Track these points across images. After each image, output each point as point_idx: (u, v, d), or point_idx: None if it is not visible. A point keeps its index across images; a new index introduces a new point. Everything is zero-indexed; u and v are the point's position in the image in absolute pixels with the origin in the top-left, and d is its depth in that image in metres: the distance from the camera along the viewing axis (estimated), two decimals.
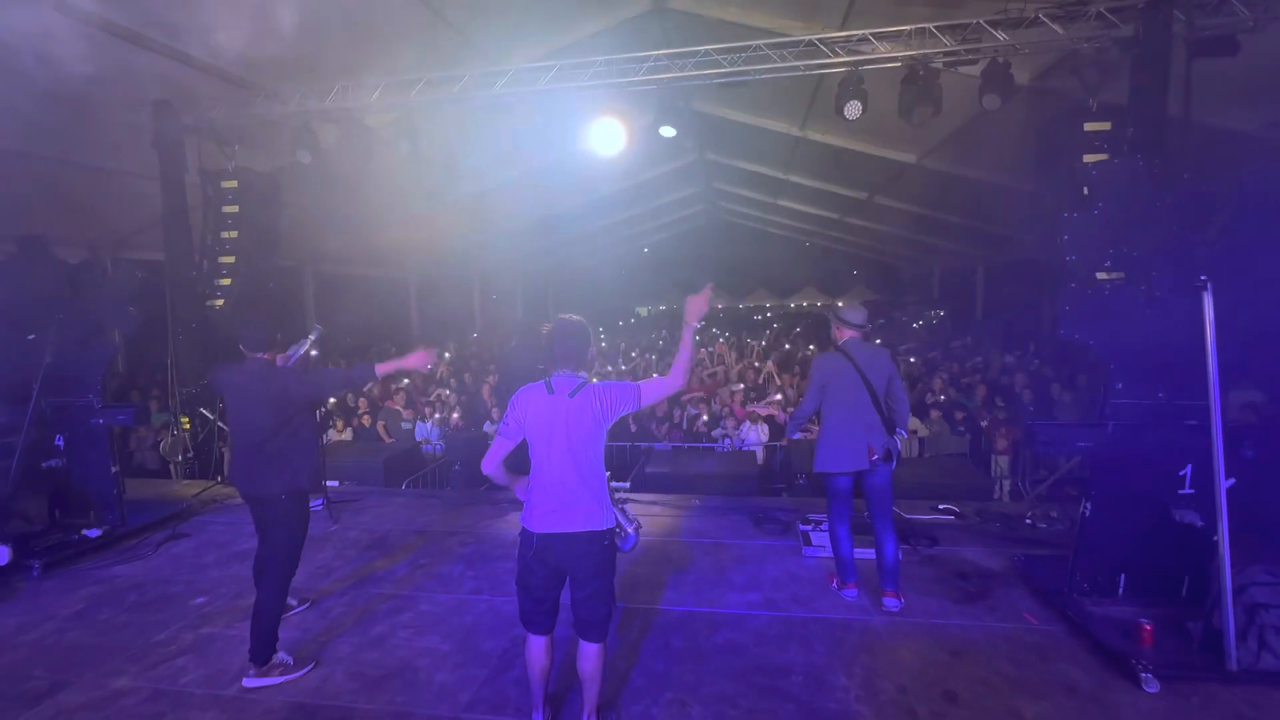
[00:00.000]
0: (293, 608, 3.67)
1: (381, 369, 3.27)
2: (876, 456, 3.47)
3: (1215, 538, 2.83)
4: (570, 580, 2.48)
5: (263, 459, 3.11)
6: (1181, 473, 3.05)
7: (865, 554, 3.82)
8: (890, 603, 3.50)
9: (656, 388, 2.47)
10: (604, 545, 2.45)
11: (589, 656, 2.52)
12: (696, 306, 2.46)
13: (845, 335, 3.64)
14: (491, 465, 2.52)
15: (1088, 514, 3.25)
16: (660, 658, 3.14)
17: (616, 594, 2.56)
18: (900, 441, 3.61)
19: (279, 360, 3.50)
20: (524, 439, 2.49)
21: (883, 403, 3.53)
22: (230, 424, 3.21)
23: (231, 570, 4.25)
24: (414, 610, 3.68)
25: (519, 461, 2.52)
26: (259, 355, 3.20)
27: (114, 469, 4.85)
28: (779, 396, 7.26)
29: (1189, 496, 3.07)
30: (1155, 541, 3.18)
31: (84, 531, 4.63)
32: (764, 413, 6.58)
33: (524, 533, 2.49)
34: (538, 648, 2.54)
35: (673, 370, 2.46)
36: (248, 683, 3.02)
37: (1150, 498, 3.12)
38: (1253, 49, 4.81)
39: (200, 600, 3.83)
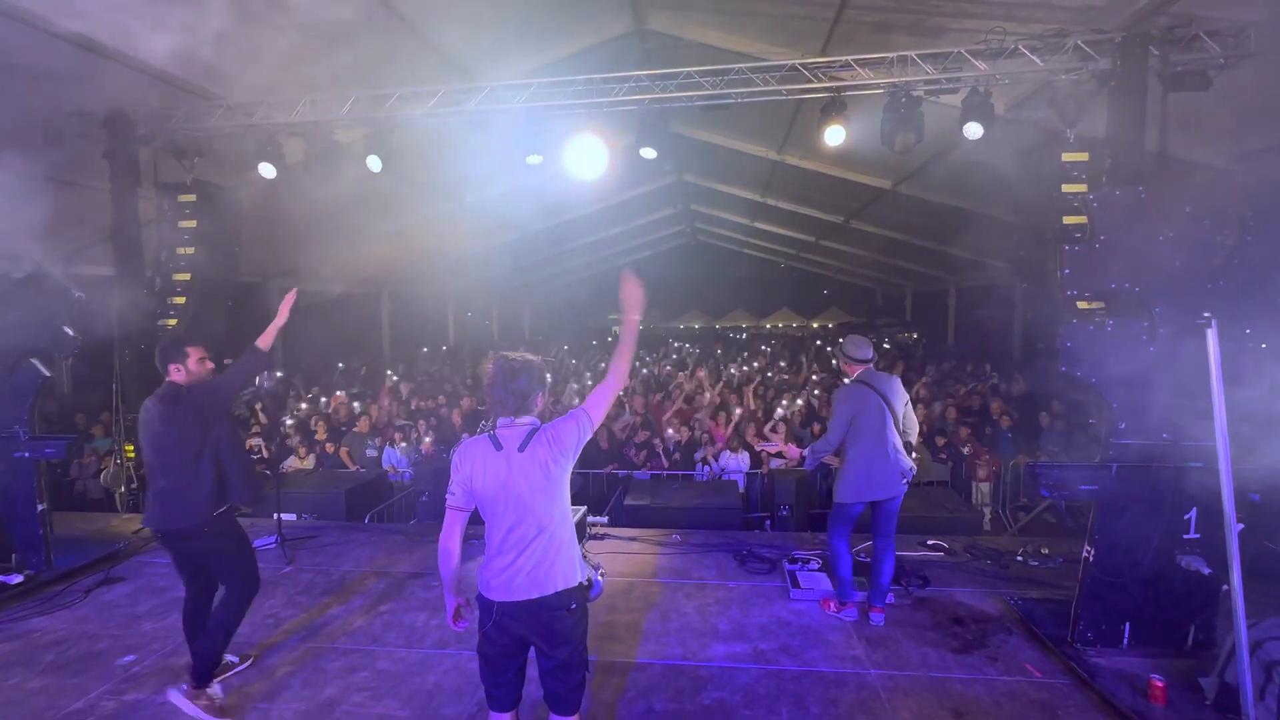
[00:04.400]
0: (233, 665, 3.31)
1: (263, 341, 3.21)
2: (907, 480, 3.56)
3: (1225, 587, 2.69)
4: (535, 650, 2.20)
5: (183, 487, 2.91)
6: (1186, 517, 2.93)
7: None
8: (876, 617, 3.70)
9: (600, 397, 2.20)
10: (571, 609, 2.15)
11: None
12: (632, 294, 2.21)
13: (856, 370, 3.73)
14: (452, 541, 2.19)
15: (1091, 559, 3.10)
16: None
17: (588, 655, 2.28)
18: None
19: None
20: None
21: (901, 428, 3.63)
22: (145, 462, 2.99)
23: (168, 621, 3.84)
24: (371, 668, 3.34)
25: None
26: (170, 373, 2.98)
27: (41, 507, 4.41)
28: (782, 429, 7.04)
29: (1194, 542, 2.95)
30: (1160, 589, 3.03)
31: (1, 577, 4.18)
32: (774, 449, 6.34)
33: (481, 600, 2.19)
34: None
35: (610, 371, 2.21)
36: (172, 695, 2.86)
37: (1155, 543, 2.99)
38: (1220, 83, 4.89)
39: (128, 659, 3.42)
